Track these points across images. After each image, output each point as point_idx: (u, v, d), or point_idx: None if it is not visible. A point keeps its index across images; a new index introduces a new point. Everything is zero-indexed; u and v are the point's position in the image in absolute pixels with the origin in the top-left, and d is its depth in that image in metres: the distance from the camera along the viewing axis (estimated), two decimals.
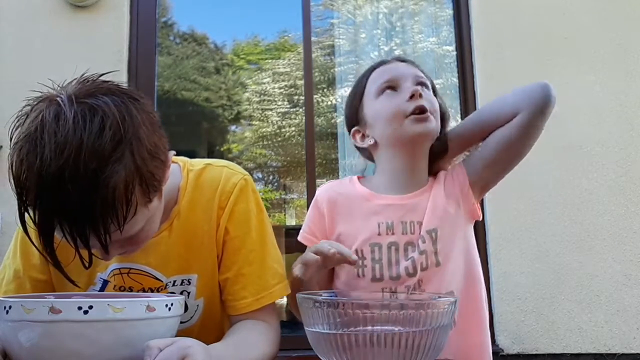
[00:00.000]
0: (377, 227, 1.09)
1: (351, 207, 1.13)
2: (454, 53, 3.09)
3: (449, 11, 3.19)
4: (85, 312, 0.66)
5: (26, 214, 0.73)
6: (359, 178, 1.19)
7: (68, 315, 0.65)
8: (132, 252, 0.88)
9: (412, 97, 1.08)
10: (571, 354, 2.63)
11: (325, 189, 1.19)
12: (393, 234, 1.08)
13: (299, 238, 1.18)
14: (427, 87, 1.13)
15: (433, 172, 1.16)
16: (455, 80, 3.04)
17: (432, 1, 3.29)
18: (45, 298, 0.71)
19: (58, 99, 0.72)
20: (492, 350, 1.13)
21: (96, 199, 0.69)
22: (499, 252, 2.73)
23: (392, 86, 1.11)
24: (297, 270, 0.99)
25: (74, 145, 0.68)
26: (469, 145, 1.16)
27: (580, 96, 2.85)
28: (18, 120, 0.74)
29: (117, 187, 0.70)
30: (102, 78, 0.77)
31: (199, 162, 1.03)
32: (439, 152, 1.16)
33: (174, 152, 0.86)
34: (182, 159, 1.03)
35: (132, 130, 0.72)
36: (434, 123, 1.10)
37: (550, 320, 2.66)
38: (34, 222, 0.71)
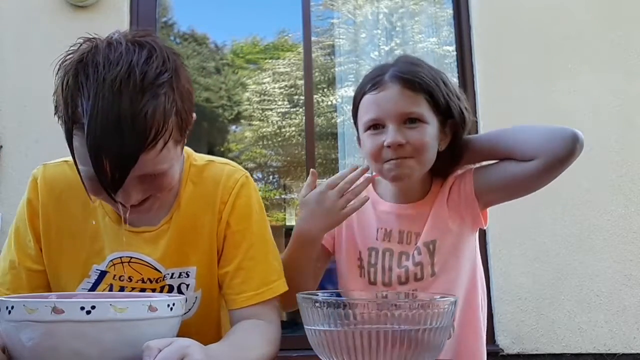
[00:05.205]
0: (377, 232, 1.12)
1: (359, 210, 1.13)
2: (454, 53, 3.08)
3: (449, 11, 3.19)
4: (88, 312, 0.66)
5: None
6: (374, 177, 1.18)
7: (70, 316, 0.66)
8: (147, 210, 0.89)
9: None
10: (571, 354, 2.63)
11: None
12: (389, 241, 1.11)
13: None
14: (417, 120, 1.03)
15: (444, 175, 1.13)
16: (456, 80, 3.03)
17: (432, 1, 3.29)
18: (48, 298, 0.72)
19: (110, 35, 0.82)
20: (492, 350, 1.14)
21: (143, 110, 0.75)
22: (499, 252, 2.72)
23: (376, 124, 1.05)
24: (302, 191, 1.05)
25: (125, 64, 0.76)
26: (481, 160, 1.13)
27: (580, 96, 2.84)
28: (66, 55, 0.81)
29: (158, 109, 0.78)
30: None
31: (201, 158, 1.05)
32: (454, 157, 1.11)
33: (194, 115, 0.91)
34: (186, 149, 1.04)
35: (174, 68, 0.82)
36: (411, 167, 1.04)
37: (550, 320, 2.66)
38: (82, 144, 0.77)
